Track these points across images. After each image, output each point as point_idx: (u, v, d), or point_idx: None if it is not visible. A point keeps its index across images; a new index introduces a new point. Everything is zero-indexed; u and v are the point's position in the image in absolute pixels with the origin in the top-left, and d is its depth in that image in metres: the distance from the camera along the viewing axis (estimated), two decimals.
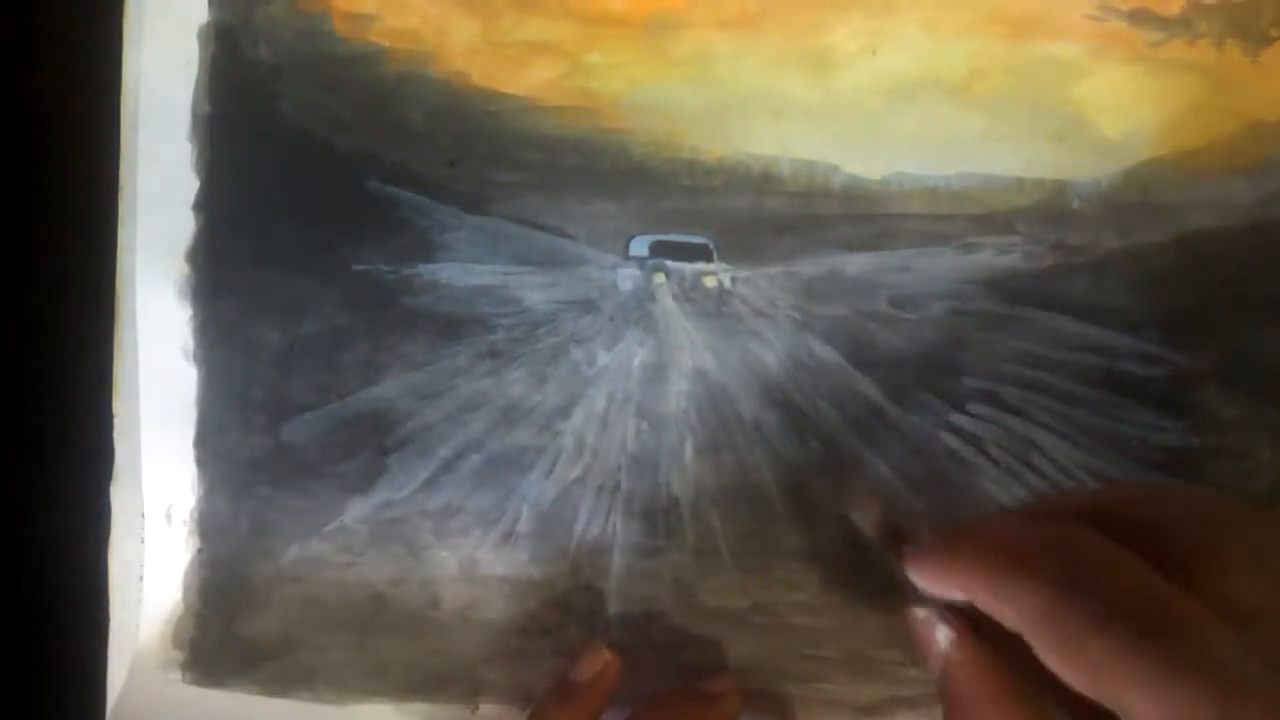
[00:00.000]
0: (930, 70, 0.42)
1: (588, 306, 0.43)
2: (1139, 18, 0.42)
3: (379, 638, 0.42)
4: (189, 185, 0.42)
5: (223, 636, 0.43)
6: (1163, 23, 0.42)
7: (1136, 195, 0.42)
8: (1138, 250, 0.42)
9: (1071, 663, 0.24)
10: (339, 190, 0.42)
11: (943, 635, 0.28)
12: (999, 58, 0.42)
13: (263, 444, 0.43)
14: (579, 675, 0.39)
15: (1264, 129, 0.42)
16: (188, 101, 0.42)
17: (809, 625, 0.42)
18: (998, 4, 0.42)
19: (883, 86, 0.42)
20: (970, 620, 0.28)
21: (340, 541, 0.43)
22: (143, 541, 0.43)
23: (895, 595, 0.31)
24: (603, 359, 0.43)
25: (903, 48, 0.42)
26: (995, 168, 0.42)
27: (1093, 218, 0.42)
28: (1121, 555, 0.25)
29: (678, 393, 0.43)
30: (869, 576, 0.41)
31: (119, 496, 0.43)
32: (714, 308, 0.43)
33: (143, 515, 0.43)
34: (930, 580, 0.29)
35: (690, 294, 0.43)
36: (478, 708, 0.42)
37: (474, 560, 0.42)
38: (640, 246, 0.43)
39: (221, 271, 0.43)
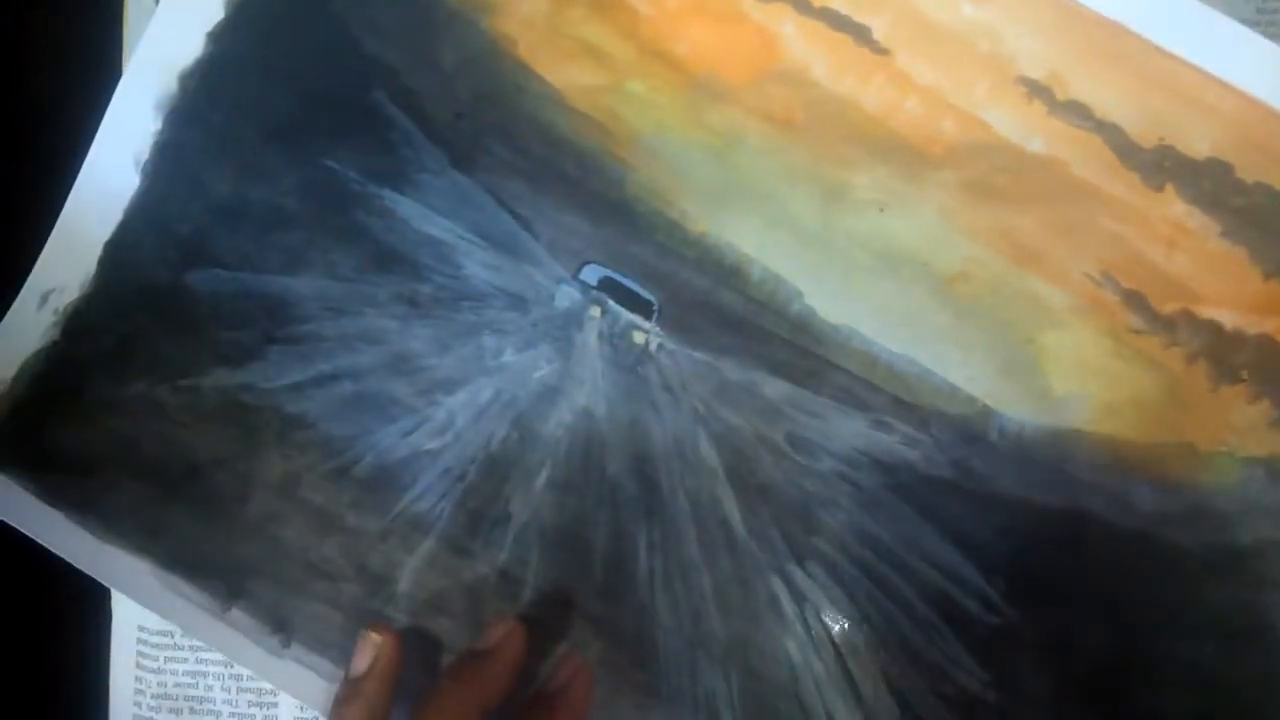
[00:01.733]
0: (925, 252, 0.42)
1: (518, 303, 0.43)
2: (1132, 300, 0.42)
3: (173, 505, 0.42)
4: (212, 13, 0.42)
5: (29, 429, 0.42)
6: (1151, 316, 0.42)
7: (1049, 456, 0.42)
8: (1028, 505, 0.42)
9: None
10: (347, 87, 0.42)
11: None
12: (991, 272, 0.42)
13: (164, 277, 0.43)
14: (355, 669, 0.39)
15: (1189, 454, 0.42)
16: None
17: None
18: (1014, 226, 0.42)
19: (876, 244, 0.42)
20: None
21: (187, 400, 0.42)
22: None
23: None
24: (508, 357, 0.43)
25: (911, 219, 0.42)
26: (939, 367, 0.42)
27: (1002, 455, 0.42)
28: None
29: (559, 421, 0.43)
30: (628, 673, 0.42)
31: None
32: (630, 363, 0.43)
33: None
34: None
35: (615, 340, 0.43)
36: (229, 609, 0.42)
37: (298, 478, 0.42)
38: (591, 275, 0.43)
39: (206, 106, 0.42)
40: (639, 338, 0.43)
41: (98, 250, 0.43)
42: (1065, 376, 0.42)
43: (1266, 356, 0.42)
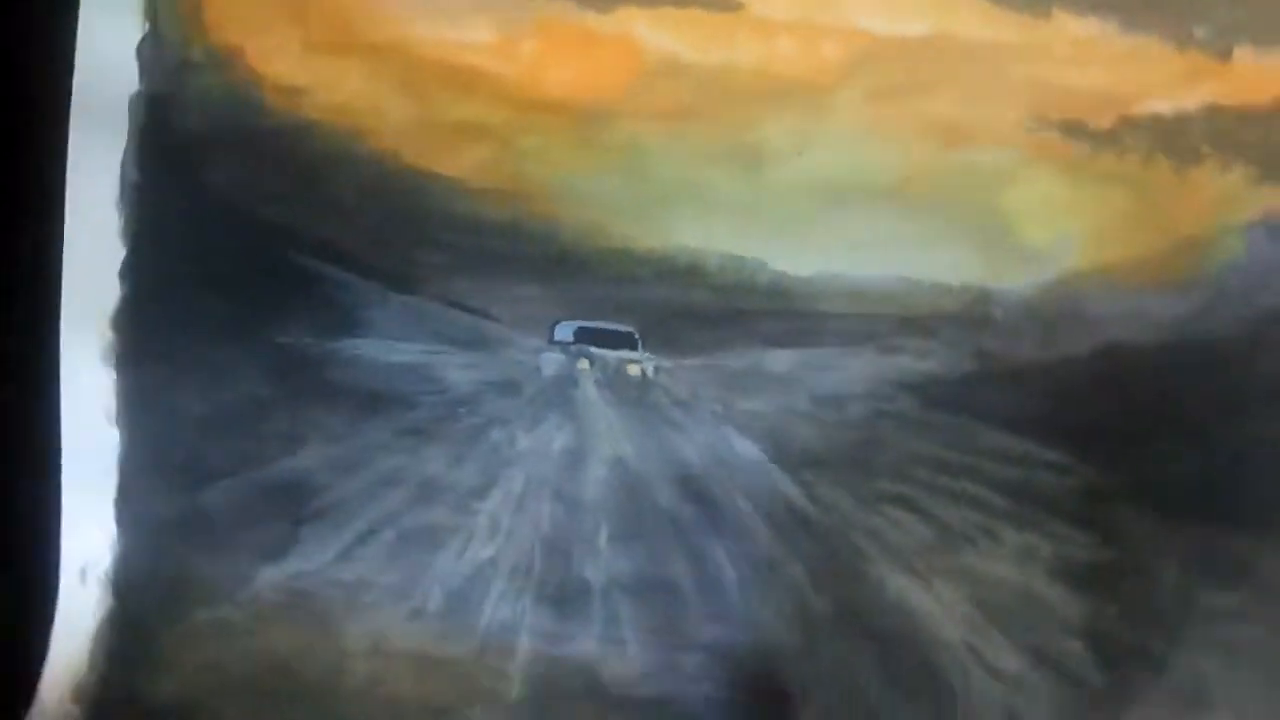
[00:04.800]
0: (862, 172, 0.42)
1: (510, 388, 0.43)
2: (1070, 130, 0.42)
3: (281, 708, 0.42)
4: (115, 253, 0.42)
5: (125, 695, 0.43)
6: (1094, 136, 0.42)
7: (1058, 306, 0.42)
8: (1056, 361, 0.42)
9: None
10: (265, 262, 0.42)
11: None
12: (930, 164, 0.42)
13: (181, 507, 0.43)
14: None
15: (1189, 246, 0.42)
16: (116, 169, 0.42)
17: None
18: (931, 111, 0.42)
19: (812, 186, 0.42)
20: None
21: (251, 609, 0.43)
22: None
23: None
24: (523, 441, 0.43)
25: (834, 149, 0.42)
26: (921, 272, 0.42)
27: (1014, 326, 0.42)
28: None
29: (595, 479, 0.43)
30: (773, 677, 0.42)
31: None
32: (636, 397, 0.43)
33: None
34: None
35: (613, 381, 0.43)
36: None
37: (382, 635, 0.43)
38: (565, 332, 0.43)
39: (146, 338, 0.43)
40: (634, 370, 0.43)
41: (110, 511, 0.43)
42: (1041, 228, 0.42)
43: (1217, 122, 0.42)
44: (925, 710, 0.41)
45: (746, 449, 0.43)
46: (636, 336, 0.43)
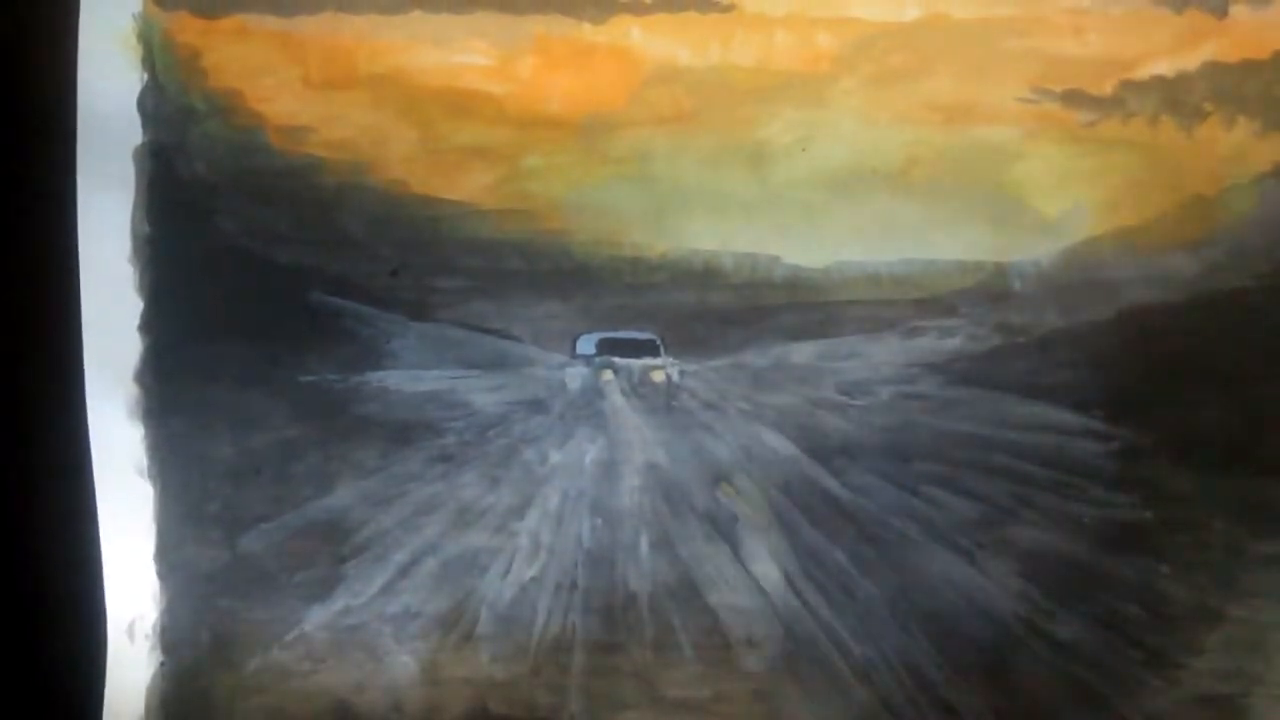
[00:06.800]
0: (866, 160, 0.42)
1: (537, 406, 0.43)
2: (1072, 99, 0.42)
3: None
4: (133, 307, 0.42)
5: None
6: (1096, 103, 0.42)
7: (1077, 273, 0.42)
8: (1081, 328, 0.42)
9: None
10: (283, 303, 0.42)
11: None
12: (935, 145, 0.42)
13: (221, 556, 0.43)
14: None
15: (1202, 203, 0.42)
16: (126, 223, 0.42)
17: (769, 712, 0.42)
18: (931, 92, 0.42)
19: (819, 178, 0.42)
20: None
21: (301, 650, 0.43)
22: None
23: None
24: (555, 457, 0.43)
25: (837, 139, 0.42)
26: (935, 252, 0.42)
27: (1034, 297, 0.42)
28: None
29: (631, 488, 0.43)
30: (823, 665, 0.42)
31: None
32: (663, 402, 0.43)
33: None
34: None
35: (639, 389, 0.43)
36: None
37: (435, 663, 0.42)
38: (587, 345, 0.43)
39: (171, 390, 0.43)
40: (658, 376, 0.43)
41: (151, 565, 0.43)
42: (1051, 199, 0.42)
43: (1219, 79, 0.42)
44: (984, 685, 0.41)
45: (779, 443, 0.42)
46: (658, 342, 0.43)
